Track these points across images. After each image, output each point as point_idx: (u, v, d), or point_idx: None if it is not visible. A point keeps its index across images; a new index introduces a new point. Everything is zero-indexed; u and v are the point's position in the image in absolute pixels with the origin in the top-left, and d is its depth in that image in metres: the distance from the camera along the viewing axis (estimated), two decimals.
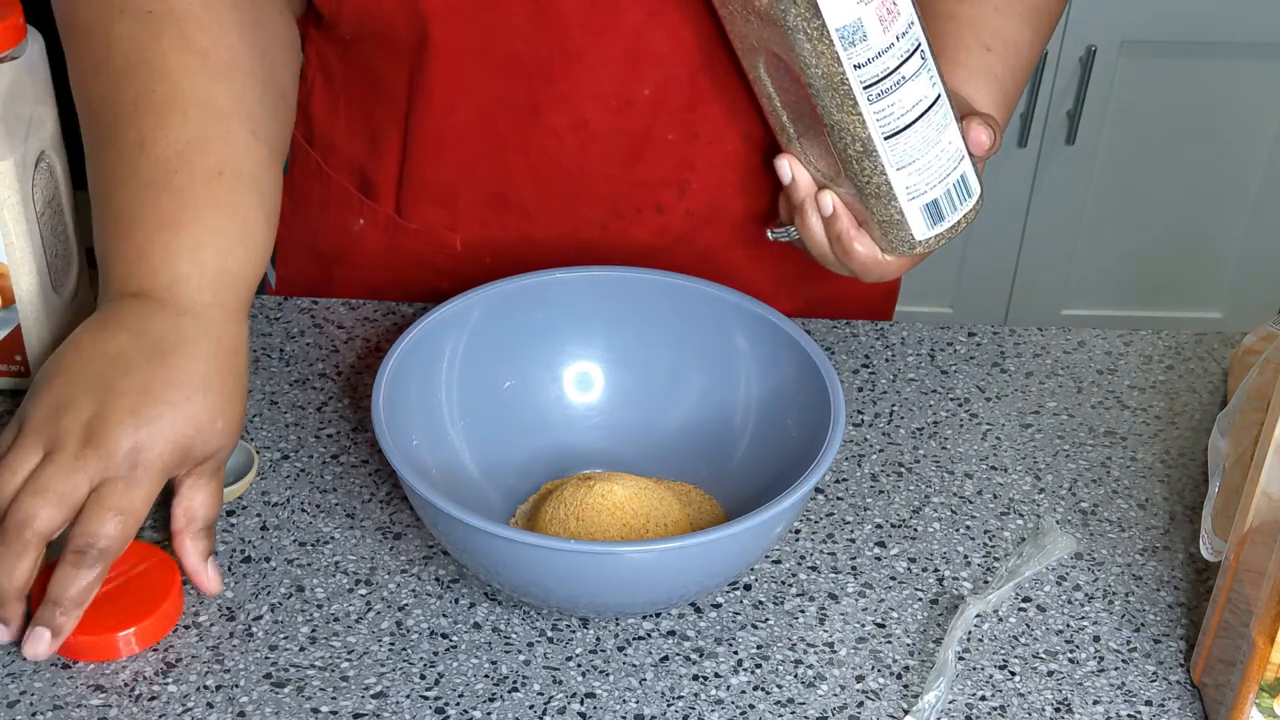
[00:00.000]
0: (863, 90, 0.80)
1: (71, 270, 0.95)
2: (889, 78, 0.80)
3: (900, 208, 0.84)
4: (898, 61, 0.79)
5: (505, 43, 0.92)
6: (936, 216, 0.86)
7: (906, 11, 0.79)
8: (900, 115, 0.81)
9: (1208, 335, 1.03)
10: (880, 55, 0.79)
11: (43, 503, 0.73)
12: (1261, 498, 0.72)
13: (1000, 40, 0.95)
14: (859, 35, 0.78)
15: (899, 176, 0.83)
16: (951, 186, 0.85)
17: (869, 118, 0.81)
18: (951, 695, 0.77)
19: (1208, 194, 2.06)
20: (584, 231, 0.99)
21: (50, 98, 0.92)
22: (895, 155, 0.82)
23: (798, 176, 0.88)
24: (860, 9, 0.77)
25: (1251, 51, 1.94)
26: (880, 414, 0.95)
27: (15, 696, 0.75)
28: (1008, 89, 0.95)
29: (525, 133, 0.95)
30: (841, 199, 0.87)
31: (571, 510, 0.80)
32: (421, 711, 0.75)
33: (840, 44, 0.78)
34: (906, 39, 0.79)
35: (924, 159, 0.83)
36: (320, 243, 1.06)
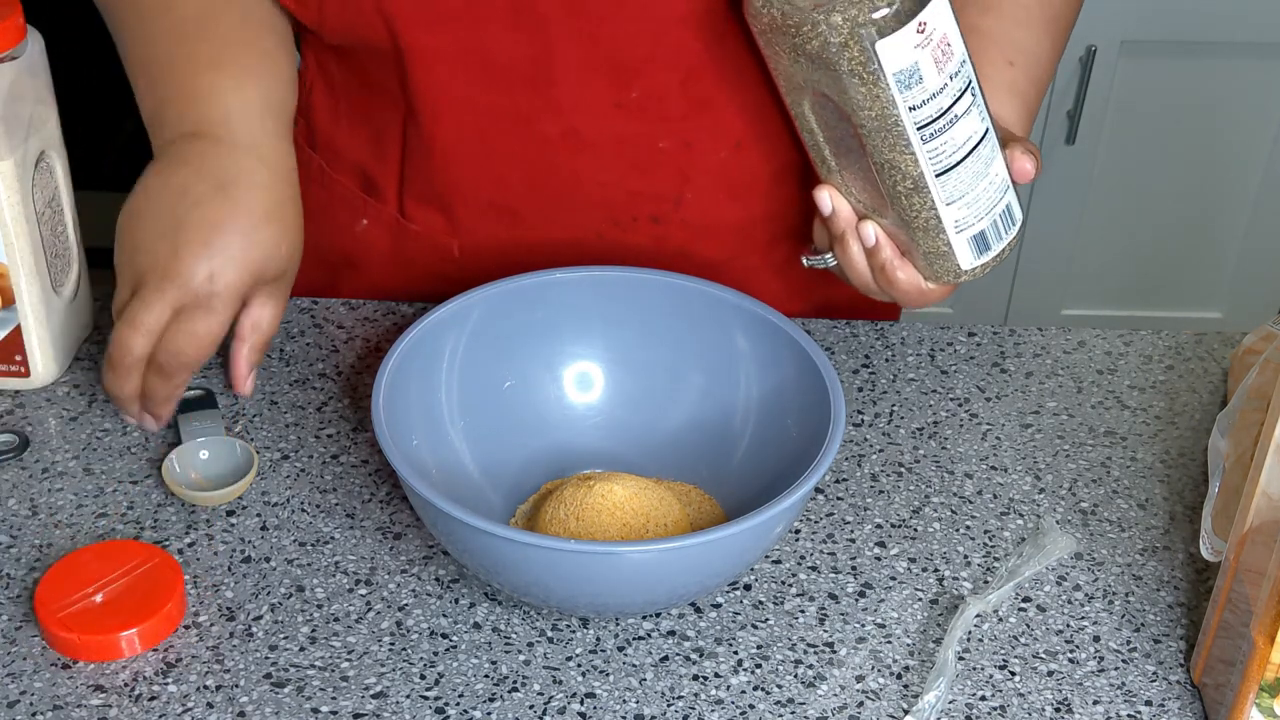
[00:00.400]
0: (916, 131, 0.79)
1: (71, 270, 0.95)
2: (942, 117, 0.79)
3: (948, 240, 0.84)
4: (951, 100, 0.79)
5: (485, 52, 0.91)
6: (983, 247, 0.86)
7: (959, 50, 0.79)
8: (952, 153, 0.81)
9: (1208, 335, 1.03)
10: (935, 96, 0.79)
11: (132, 333, 0.83)
12: (1261, 498, 0.72)
13: (1022, 54, 0.95)
14: (915, 78, 0.78)
15: (948, 211, 0.83)
16: (998, 217, 0.85)
17: (921, 156, 0.80)
18: (951, 695, 0.77)
19: (1208, 194, 2.06)
20: (583, 242, 0.99)
21: (50, 98, 0.92)
22: (946, 191, 0.82)
23: (838, 207, 0.87)
24: (917, 53, 0.77)
25: (1251, 51, 1.94)
26: (880, 414, 0.95)
27: (15, 696, 0.75)
28: (1030, 102, 0.95)
29: (518, 141, 0.95)
30: (884, 229, 0.86)
31: (571, 510, 0.80)
32: (421, 711, 0.75)
33: (896, 88, 0.78)
34: (959, 78, 0.79)
35: (973, 193, 0.83)
36: (323, 248, 1.06)
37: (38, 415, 0.92)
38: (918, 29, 0.76)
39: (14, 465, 0.88)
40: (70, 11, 1.28)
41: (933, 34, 0.77)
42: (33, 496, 0.86)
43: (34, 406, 0.93)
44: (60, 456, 0.89)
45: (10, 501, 0.86)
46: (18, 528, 0.84)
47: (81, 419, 0.92)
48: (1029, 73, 0.95)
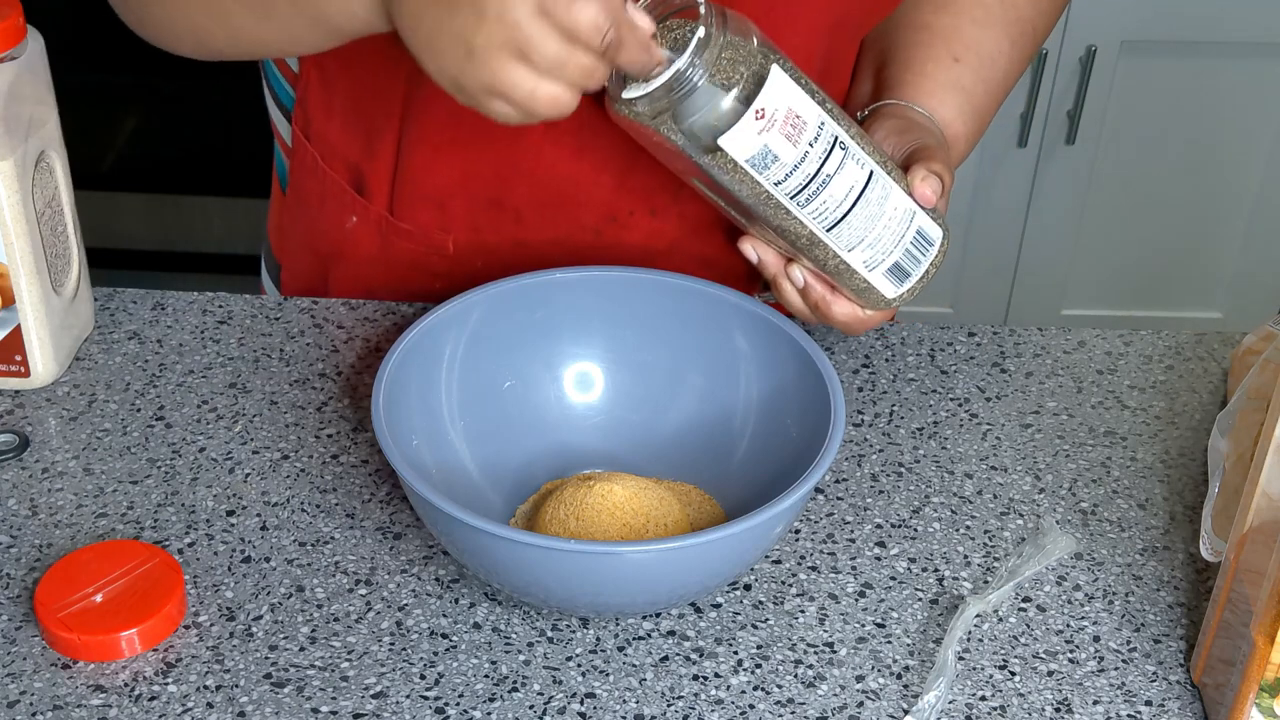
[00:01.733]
0: (790, 199, 0.81)
1: (71, 270, 0.95)
2: (812, 182, 0.80)
3: (864, 278, 0.86)
4: (817, 165, 0.80)
5: None
6: (902, 276, 0.87)
7: (813, 115, 0.79)
8: (835, 208, 0.82)
9: (1208, 335, 1.03)
10: (797, 166, 0.79)
11: None
12: (1261, 498, 0.72)
13: (972, 52, 0.95)
14: (769, 159, 0.79)
15: (853, 255, 0.84)
16: (909, 245, 0.86)
17: (805, 219, 0.82)
18: (951, 695, 0.77)
19: (1208, 194, 2.06)
20: (578, 237, 0.99)
21: (50, 98, 0.92)
22: (842, 240, 0.83)
23: (763, 257, 0.89)
24: (764, 136, 0.78)
25: (1251, 51, 1.94)
26: (880, 414, 0.95)
27: (15, 696, 0.75)
28: (977, 100, 0.95)
29: (518, 139, 0.95)
30: (810, 270, 0.88)
31: (571, 510, 0.80)
32: (421, 711, 0.75)
33: (755, 171, 0.79)
34: (820, 141, 0.80)
35: (872, 234, 0.84)
36: (317, 240, 1.06)
37: (38, 415, 0.92)
38: (756, 116, 0.77)
39: (14, 465, 0.88)
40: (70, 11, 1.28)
41: (775, 114, 0.78)
42: (33, 496, 0.86)
43: (34, 406, 0.93)
44: (60, 456, 0.89)
45: (10, 501, 0.86)
46: (18, 528, 0.84)
47: (81, 419, 0.92)
48: (978, 71, 0.95)
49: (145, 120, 2.21)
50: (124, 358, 0.97)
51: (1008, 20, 0.96)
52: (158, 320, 1.00)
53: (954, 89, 0.94)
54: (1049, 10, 1.01)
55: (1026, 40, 0.98)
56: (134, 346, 0.98)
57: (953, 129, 0.94)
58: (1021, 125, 1.97)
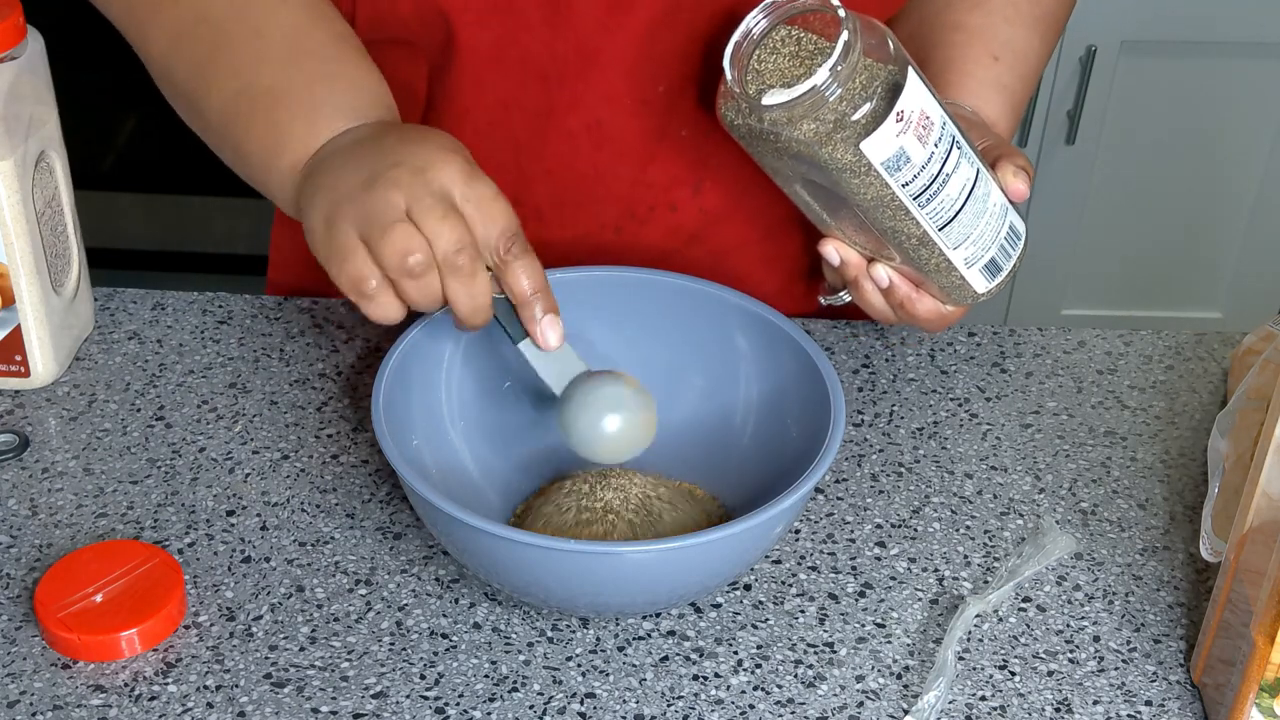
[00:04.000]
0: (912, 200, 0.80)
1: (71, 270, 0.95)
2: (934, 182, 0.80)
3: (961, 274, 0.86)
4: (940, 165, 0.80)
5: (521, 44, 0.92)
6: (995, 270, 0.87)
7: (938, 115, 0.79)
8: (950, 206, 0.82)
9: (1208, 335, 1.03)
10: (924, 167, 0.79)
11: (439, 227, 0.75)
12: (1261, 498, 0.72)
13: (1009, 50, 0.95)
14: (903, 160, 0.78)
15: (956, 253, 0.84)
16: (1003, 241, 0.86)
17: (921, 219, 0.82)
18: (951, 695, 0.77)
19: (1208, 194, 2.06)
20: (597, 235, 0.99)
21: (50, 97, 0.92)
22: (951, 239, 0.83)
23: (846, 258, 0.88)
24: (900, 139, 0.78)
25: (1251, 51, 1.94)
26: (880, 414, 0.95)
27: (15, 696, 0.75)
28: (1016, 97, 0.95)
29: (540, 136, 0.95)
30: (895, 268, 0.87)
31: (571, 510, 0.80)
32: (421, 711, 0.75)
33: (886, 173, 0.79)
34: (943, 140, 0.80)
35: (976, 231, 0.84)
36: None
37: (38, 415, 0.92)
38: (896, 119, 0.77)
39: (14, 465, 0.88)
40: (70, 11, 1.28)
41: (911, 116, 0.78)
42: (33, 496, 0.86)
43: (34, 406, 0.93)
44: (60, 456, 0.89)
45: (10, 501, 0.86)
46: (18, 528, 0.84)
47: (81, 419, 0.92)
48: (1015, 68, 0.95)
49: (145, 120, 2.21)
50: (124, 358, 0.97)
51: (1035, 16, 0.96)
52: (158, 320, 1.00)
53: (996, 88, 0.94)
54: (1068, 5, 1.01)
55: (1052, 36, 0.99)
56: (134, 346, 0.98)
57: (998, 128, 0.94)
58: (1021, 125, 1.97)
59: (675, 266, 0.98)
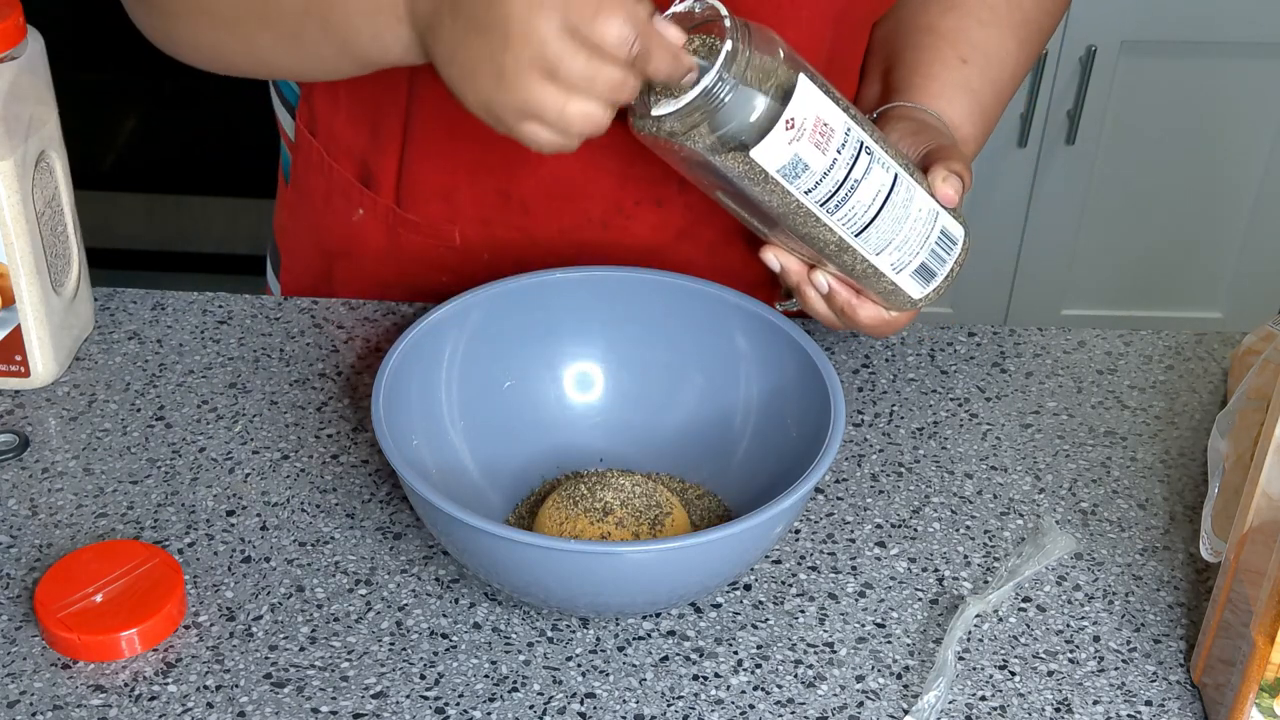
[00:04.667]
0: (820, 207, 0.81)
1: (71, 270, 0.95)
2: (841, 188, 0.80)
3: (891, 280, 0.86)
4: (845, 171, 0.80)
5: None
6: (928, 276, 0.87)
7: (839, 122, 0.79)
8: (863, 213, 0.82)
9: (1208, 335, 1.03)
10: (826, 174, 0.79)
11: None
12: (1261, 498, 0.72)
13: (980, 53, 0.95)
14: (800, 168, 0.78)
15: (880, 259, 0.84)
16: (934, 245, 0.86)
17: (834, 225, 0.82)
18: (951, 695, 0.77)
19: (1208, 194, 2.06)
20: (584, 229, 0.99)
21: (50, 98, 0.92)
22: (870, 244, 0.83)
23: (786, 265, 0.88)
24: (794, 146, 0.78)
25: (1251, 51, 1.94)
26: (880, 414, 0.95)
27: (15, 696, 0.75)
28: (985, 101, 0.95)
29: None
30: (834, 275, 0.87)
31: (571, 509, 0.80)
32: (421, 711, 0.75)
33: (785, 181, 0.79)
34: (848, 147, 0.80)
35: (899, 236, 0.84)
36: (323, 237, 1.06)
37: (38, 415, 0.92)
38: (786, 126, 0.77)
39: (14, 465, 0.88)
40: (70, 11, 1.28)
41: (804, 123, 0.78)
42: (33, 496, 0.86)
43: (34, 406, 0.93)
44: (60, 456, 0.89)
45: (10, 501, 0.86)
46: (18, 528, 0.84)
47: (81, 419, 0.92)
48: (986, 72, 0.95)
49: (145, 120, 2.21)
50: (124, 358, 0.97)
51: (1014, 21, 0.96)
52: (158, 320, 1.00)
53: (962, 90, 0.94)
54: (1053, 10, 1.01)
55: (1033, 40, 0.98)
56: (134, 346, 0.98)
57: (962, 131, 0.94)
58: (1021, 125, 1.97)
59: (665, 261, 0.98)
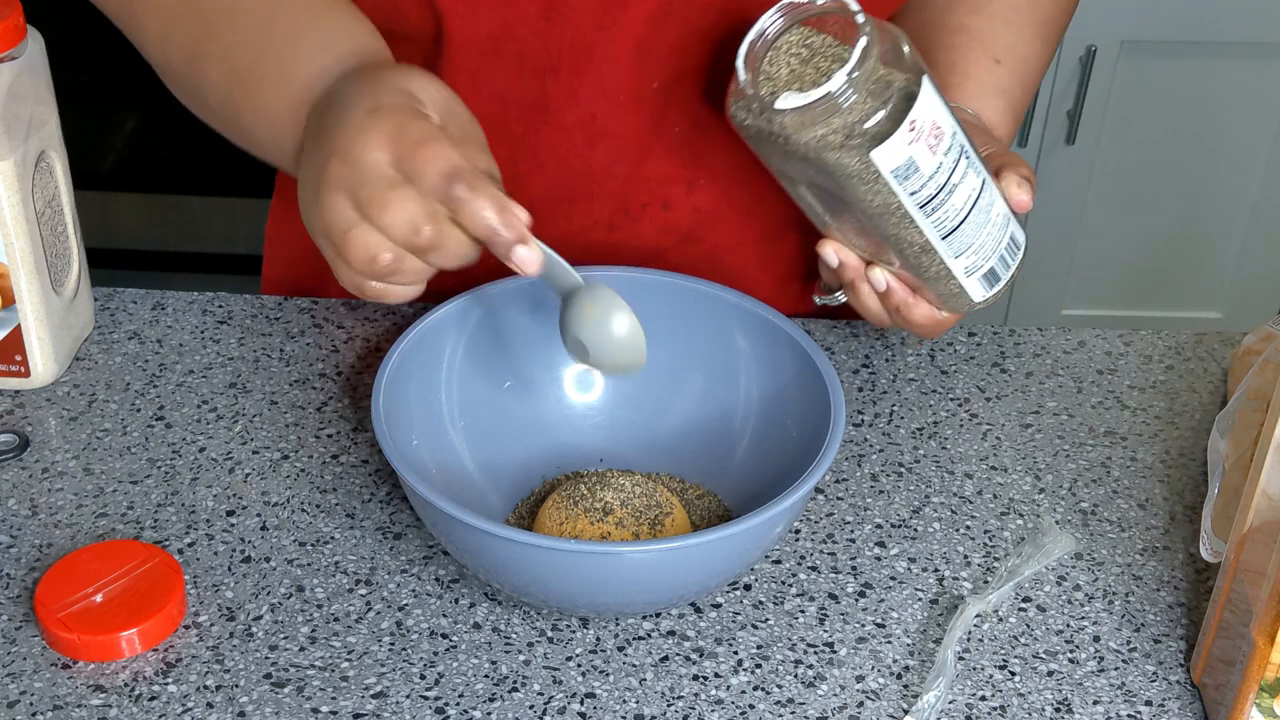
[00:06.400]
0: (919, 210, 0.80)
1: (71, 270, 0.95)
2: (941, 191, 0.80)
3: (960, 282, 0.86)
4: (948, 174, 0.80)
5: (517, 39, 0.92)
6: (993, 280, 0.87)
7: (949, 125, 0.79)
8: (954, 215, 0.82)
9: (1208, 335, 1.03)
10: (933, 176, 0.79)
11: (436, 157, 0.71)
12: (1261, 498, 0.72)
13: (1010, 53, 0.95)
14: (911, 169, 0.78)
15: (957, 262, 0.84)
16: (1004, 251, 0.86)
17: (925, 227, 0.81)
18: (951, 695, 0.77)
19: (1208, 194, 2.06)
20: (591, 232, 0.99)
21: (50, 97, 0.92)
22: (953, 248, 0.83)
23: (844, 259, 0.88)
24: (911, 148, 0.77)
25: (1251, 51, 1.94)
26: (880, 414, 0.95)
27: (15, 696, 0.75)
28: (1016, 101, 0.95)
29: (534, 131, 0.95)
30: (893, 272, 0.87)
31: (571, 509, 0.80)
32: (421, 711, 0.75)
33: (895, 182, 0.78)
34: (952, 150, 0.79)
35: (978, 241, 0.84)
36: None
37: (38, 415, 0.92)
38: (909, 128, 0.77)
39: (14, 465, 0.88)
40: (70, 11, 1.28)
41: (923, 126, 0.77)
42: (33, 496, 0.86)
43: (34, 406, 0.93)
44: (60, 456, 0.89)
45: (10, 501, 0.86)
46: (18, 528, 0.84)
47: (81, 419, 0.92)
48: (1015, 72, 0.95)
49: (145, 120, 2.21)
50: (124, 358, 0.97)
51: (1035, 21, 0.96)
52: (158, 320, 1.00)
53: (997, 92, 0.94)
54: (1068, 8, 1.01)
55: (1052, 40, 0.99)
56: (134, 346, 0.98)
57: (997, 132, 0.94)
58: (1022, 125, 1.97)
59: (670, 264, 0.98)
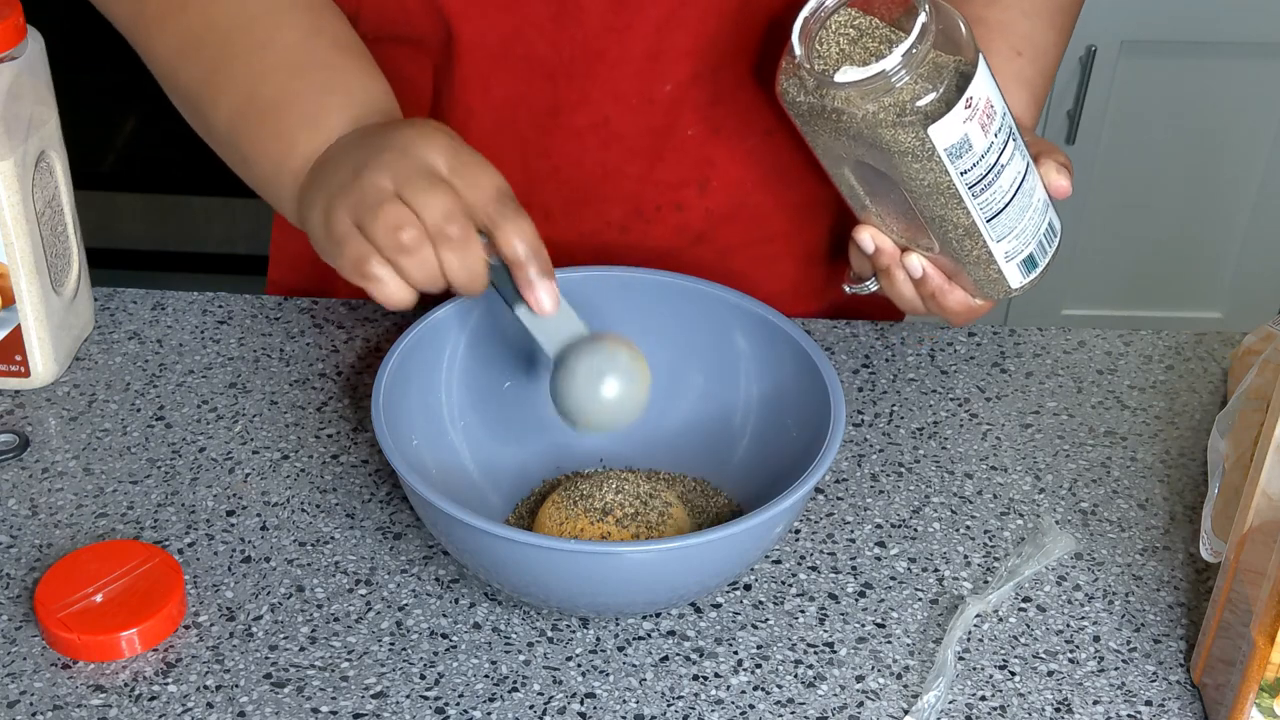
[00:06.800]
0: (967, 190, 0.80)
1: (71, 270, 0.95)
2: (990, 171, 0.80)
3: (999, 268, 0.86)
4: (997, 155, 0.80)
5: (527, 43, 0.91)
6: (1031, 266, 0.87)
7: (1000, 105, 0.79)
8: (1000, 197, 0.82)
9: (1208, 335, 1.03)
10: (984, 156, 0.79)
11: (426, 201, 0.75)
12: (1261, 498, 0.72)
13: (1030, 44, 0.95)
14: (965, 148, 0.78)
15: (999, 246, 0.84)
16: (1042, 236, 0.86)
17: (973, 209, 0.81)
18: (951, 695, 0.77)
19: (1208, 194, 2.06)
20: (604, 234, 0.99)
21: (50, 97, 0.92)
22: (997, 231, 0.83)
23: (881, 246, 0.88)
24: (966, 126, 0.77)
25: (1251, 51, 1.94)
26: (880, 414, 0.95)
27: (15, 696, 0.75)
28: (1038, 91, 0.95)
29: (547, 134, 0.95)
30: (928, 258, 0.87)
31: (571, 509, 0.80)
32: (421, 711, 0.75)
33: (948, 160, 0.78)
34: (1002, 131, 0.80)
35: (1020, 225, 0.84)
36: None
37: (38, 415, 0.92)
38: (965, 105, 0.77)
39: (14, 465, 0.88)
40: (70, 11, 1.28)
41: (978, 104, 0.77)
42: (33, 496, 0.86)
43: (34, 406, 0.93)
44: (60, 456, 0.89)
45: (10, 501, 0.86)
46: (18, 528, 0.84)
47: (81, 419, 0.92)
48: (1036, 63, 0.95)
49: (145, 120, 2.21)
50: (124, 358, 0.97)
51: (1051, 10, 0.96)
52: (158, 320, 1.00)
53: (1020, 83, 0.94)
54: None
55: (1068, 28, 0.98)
56: (134, 346, 0.98)
57: (1022, 123, 0.94)
58: None
59: (681, 265, 0.98)
